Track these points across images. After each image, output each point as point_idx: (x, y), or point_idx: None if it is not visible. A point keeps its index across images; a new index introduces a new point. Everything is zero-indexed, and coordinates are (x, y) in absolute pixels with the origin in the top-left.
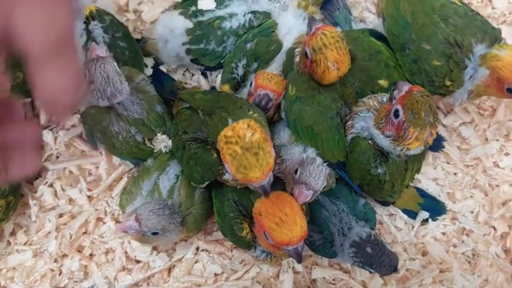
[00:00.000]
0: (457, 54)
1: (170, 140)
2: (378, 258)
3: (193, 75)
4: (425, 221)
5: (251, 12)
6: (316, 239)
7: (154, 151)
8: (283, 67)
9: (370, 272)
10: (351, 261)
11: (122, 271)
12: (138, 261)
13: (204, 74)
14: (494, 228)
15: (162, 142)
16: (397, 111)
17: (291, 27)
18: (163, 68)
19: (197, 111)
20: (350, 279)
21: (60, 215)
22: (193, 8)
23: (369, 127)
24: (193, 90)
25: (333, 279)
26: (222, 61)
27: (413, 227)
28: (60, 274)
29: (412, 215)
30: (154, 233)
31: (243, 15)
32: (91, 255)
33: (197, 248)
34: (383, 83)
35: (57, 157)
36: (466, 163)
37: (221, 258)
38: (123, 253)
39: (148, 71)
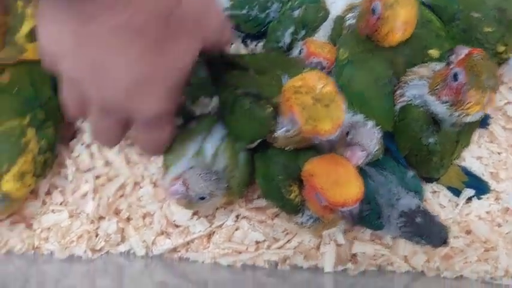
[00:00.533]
0: (507, 18)
1: (213, 103)
2: (428, 228)
3: (232, 43)
4: (469, 199)
5: None
6: (363, 210)
7: (197, 114)
8: (331, 35)
9: (418, 244)
10: (397, 233)
11: (161, 235)
12: (177, 226)
13: (244, 42)
14: None
15: (206, 105)
16: (456, 74)
17: None
18: None
19: (247, 71)
20: (392, 255)
21: (97, 177)
22: None
23: (422, 95)
24: (238, 54)
25: (374, 255)
26: (263, 29)
27: (457, 204)
28: (96, 236)
29: (456, 192)
30: (202, 198)
31: None
32: (128, 218)
33: (237, 216)
34: (434, 52)
35: None
36: (511, 143)
37: (262, 226)
38: (162, 217)
39: None
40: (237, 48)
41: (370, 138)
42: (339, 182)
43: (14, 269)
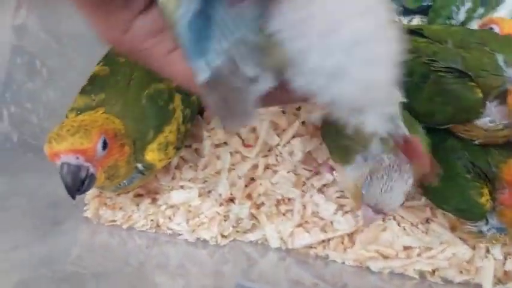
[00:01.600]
0: None
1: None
2: None
3: None
4: None
5: None
6: None
7: None
8: None
9: None
10: None
11: (299, 227)
12: (321, 219)
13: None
14: None
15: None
16: None
17: None
18: None
19: (438, 43)
20: None
21: (231, 154)
22: None
23: None
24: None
25: None
26: (425, 3)
27: None
28: (225, 221)
29: None
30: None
31: None
32: (262, 204)
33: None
34: None
35: None
36: None
37: (414, 230)
38: (302, 207)
39: None
40: None
41: None
42: None
43: (134, 246)
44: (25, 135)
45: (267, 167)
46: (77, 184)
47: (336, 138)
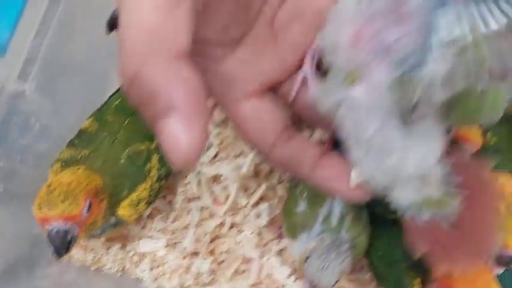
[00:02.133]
0: None
1: None
2: None
3: None
4: None
5: None
6: None
7: None
8: None
9: None
10: None
11: (253, 287)
12: (273, 281)
13: None
14: None
15: None
16: None
17: None
18: None
19: None
20: None
21: (201, 209)
22: None
23: None
24: None
25: None
26: None
27: None
28: (187, 273)
29: None
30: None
31: None
32: (223, 261)
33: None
34: None
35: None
36: None
37: None
38: (259, 267)
39: None
40: None
41: None
42: None
43: None
44: (11, 184)
45: (232, 226)
46: (65, 246)
47: (290, 213)
